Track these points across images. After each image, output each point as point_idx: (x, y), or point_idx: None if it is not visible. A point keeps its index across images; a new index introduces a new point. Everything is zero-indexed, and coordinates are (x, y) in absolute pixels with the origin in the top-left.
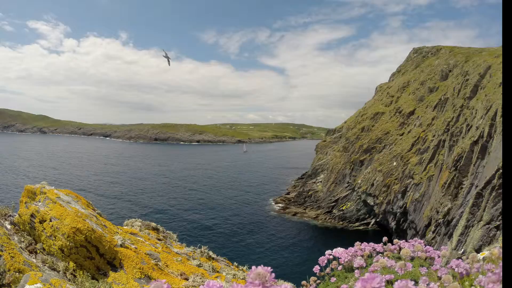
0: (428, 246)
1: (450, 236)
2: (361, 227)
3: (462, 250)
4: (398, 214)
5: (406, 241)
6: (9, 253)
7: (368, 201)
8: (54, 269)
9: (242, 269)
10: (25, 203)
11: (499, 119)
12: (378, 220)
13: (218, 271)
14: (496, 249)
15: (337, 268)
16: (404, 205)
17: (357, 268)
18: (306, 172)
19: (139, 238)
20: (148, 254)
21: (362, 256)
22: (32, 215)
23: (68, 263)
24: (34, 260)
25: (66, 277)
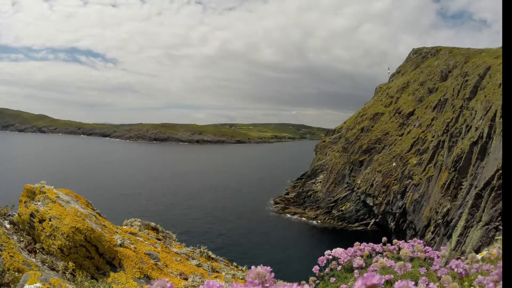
0: (427, 247)
1: (449, 237)
2: (360, 228)
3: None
4: (397, 214)
5: (406, 241)
6: (9, 253)
7: (367, 202)
8: (53, 269)
9: (241, 269)
10: (25, 202)
11: (498, 120)
12: (377, 220)
13: (217, 271)
14: (495, 249)
15: (336, 268)
16: (404, 206)
17: (357, 268)
18: (306, 173)
19: (138, 237)
20: (147, 254)
21: (362, 256)
22: (31, 215)
23: (68, 262)
24: (34, 260)
25: (66, 276)
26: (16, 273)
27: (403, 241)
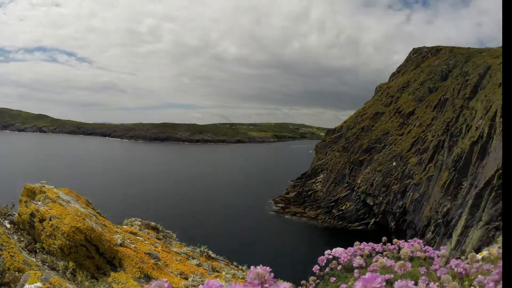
0: (427, 246)
1: (450, 236)
2: (360, 227)
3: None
4: (397, 214)
5: (406, 241)
6: (9, 252)
7: (367, 201)
8: (53, 268)
9: (241, 269)
10: (25, 202)
11: (498, 120)
12: (377, 220)
13: (217, 271)
14: (495, 249)
15: (336, 268)
16: (404, 205)
17: (357, 268)
18: (306, 172)
19: (138, 237)
20: (147, 253)
21: (362, 256)
22: (31, 214)
23: (68, 262)
24: (34, 259)
25: (66, 276)
26: (17, 272)
27: (403, 240)
